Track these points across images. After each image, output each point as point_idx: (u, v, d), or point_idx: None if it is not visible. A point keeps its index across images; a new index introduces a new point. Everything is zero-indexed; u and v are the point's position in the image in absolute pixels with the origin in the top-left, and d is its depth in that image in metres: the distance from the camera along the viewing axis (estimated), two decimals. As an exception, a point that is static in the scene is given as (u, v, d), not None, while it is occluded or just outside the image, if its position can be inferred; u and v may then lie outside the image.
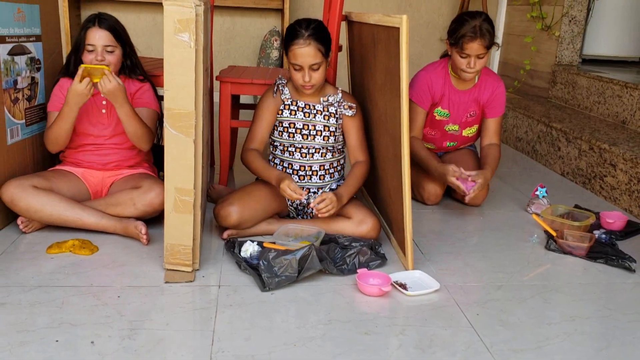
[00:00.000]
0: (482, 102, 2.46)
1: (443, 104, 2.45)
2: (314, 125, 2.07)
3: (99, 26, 1.99)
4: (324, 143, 2.07)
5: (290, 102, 2.07)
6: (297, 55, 1.94)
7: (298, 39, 1.93)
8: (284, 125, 2.08)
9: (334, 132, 2.08)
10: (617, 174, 2.62)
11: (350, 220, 2.02)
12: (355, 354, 1.39)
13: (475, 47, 2.23)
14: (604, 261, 1.97)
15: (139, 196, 1.98)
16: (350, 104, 2.09)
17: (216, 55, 4.48)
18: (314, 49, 1.93)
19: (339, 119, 2.09)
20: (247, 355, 1.37)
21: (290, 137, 2.08)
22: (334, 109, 2.07)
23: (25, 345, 1.36)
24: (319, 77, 1.98)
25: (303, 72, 1.96)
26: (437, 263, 1.93)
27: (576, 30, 3.90)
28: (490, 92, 2.44)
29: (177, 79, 1.58)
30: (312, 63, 1.94)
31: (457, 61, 2.31)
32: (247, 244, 1.86)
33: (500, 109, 2.46)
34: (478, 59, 2.26)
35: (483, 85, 2.44)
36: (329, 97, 2.07)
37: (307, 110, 2.07)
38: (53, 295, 1.59)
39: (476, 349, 1.45)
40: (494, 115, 2.47)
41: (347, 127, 2.11)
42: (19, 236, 1.97)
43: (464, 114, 2.48)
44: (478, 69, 2.29)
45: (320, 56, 1.95)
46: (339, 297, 1.67)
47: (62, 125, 1.99)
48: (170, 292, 1.65)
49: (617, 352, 1.47)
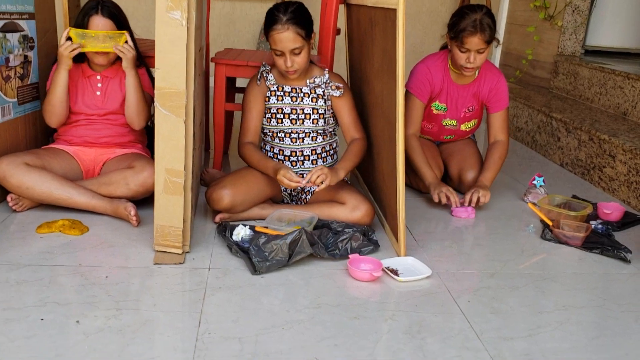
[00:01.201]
0: (482, 97, 2.41)
1: (441, 98, 2.40)
2: (302, 109, 2.04)
3: (101, 14, 1.99)
4: (313, 126, 2.05)
5: (276, 88, 2.05)
6: (276, 41, 1.91)
7: (276, 24, 1.89)
8: (272, 112, 2.05)
9: (323, 114, 2.06)
10: (616, 165, 2.59)
11: (344, 206, 2.00)
12: (343, 337, 1.38)
13: (476, 42, 2.18)
14: (600, 251, 1.95)
15: (131, 176, 1.96)
16: (337, 84, 2.06)
17: (215, 40, 4.44)
18: (293, 33, 1.89)
19: (327, 100, 2.06)
20: (233, 337, 1.35)
21: (279, 122, 2.05)
22: (321, 90, 2.04)
23: (10, 323, 1.35)
24: (302, 61, 1.95)
25: (285, 57, 1.93)
26: (430, 250, 1.91)
27: (579, 20, 3.85)
28: (490, 87, 2.38)
29: (168, 57, 1.55)
30: (292, 48, 1.91)
31: (456, 56, 2.25)
32: (239, 227, 1.85)
33: (503, 102, 2.39)
34: (478, 54, 2.21)
35: (482, 80, 2.38)
36: (315, 79, 2.04)
37: (294, 94, 2.04)
38: (41, 274, 1.58)
39: (466, 335, 1.43)
40: (497, 110, 2.40)
41: (338, 108, 2.08)
42: (9, 215, 1.95)
43: (462, 109, 2.43)
44: (478, 64, 2.24)
45: (300, 40, 1.91)
46: (330, 281, 1.65)
47: (53, 91, 1.99)
48: (159, 274, 1.63)
49: (609, 341, 1.45)
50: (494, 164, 2.34)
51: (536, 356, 1.37)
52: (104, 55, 2.03)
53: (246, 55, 2.60)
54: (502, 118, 2.40)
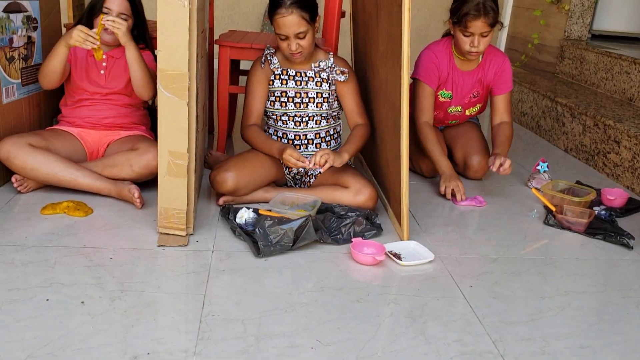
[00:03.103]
0: (487, 82, 2.40)
1: (447, 85, 2.39)
2: (307, 93, 2.03)
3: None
4: (317, 110, 2.04)
5: (280, 72, 2.03)
6: (280, 25, 1.89)
7: (280, 8, 1.88)
8: (276, 95, 2.04)
9: (327, 98, 2.05)
10: (620, 151, 2.58)
11: (348, 190, 2.00)
12: (345, 320, 1.39)
13: (479, 25, 2.16)
14: (602, 237, 1.96)
15: (135, 158, 1.97)
16: (342, 68, 2.05)
17: (219, 22, 4.41)
18: (297, 17, 1.88)
19: (331, 84, 2.05)
20: (236, 319, 1.36)
21: (283, 106, 2.04)
22: (325, 74, 2.03)
23: (16, 303, 1.36)
24: (307, 45, 1.94)
25: (289, 41, 1.92)
26: (433, 235, 1.91)
27: (586, 4, 3.81)
28: (495, 70, 2.37)
29: (170, 39, 1.54)
30: (297, 32, 1.90)
31: (460, 40, 2.23)
32: (243, 210, 1.85)
33: (507, 85, 2.39)
34: (482, 38, 2.19)
35: (487, 65, 2.37)
36: (320, 63, 2.03)
37: (299, 78, 2.03)
38: (45, 255, 1.59)
39: (468, 319, 1.44)
40: (501, 92, 2.39)
41: (342, 92, 2.07)
42: (14, 196, 1.96)
43: (467, 95, 2.42)
44: (482, 48, 2.22)
45: (305, 24, 1.90)
46: (333, 265, 1.66)
47: (49, 63, 1.99)
48: (163, 256, 1.64)
49: (609, 327, 1.46)
50: (504, 143, 2.32)
51: (537, 341, 1.37)
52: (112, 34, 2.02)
53: (250, 37, 2.58)
54: (506, 100, 2.40)
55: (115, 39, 2.05)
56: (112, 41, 2.06)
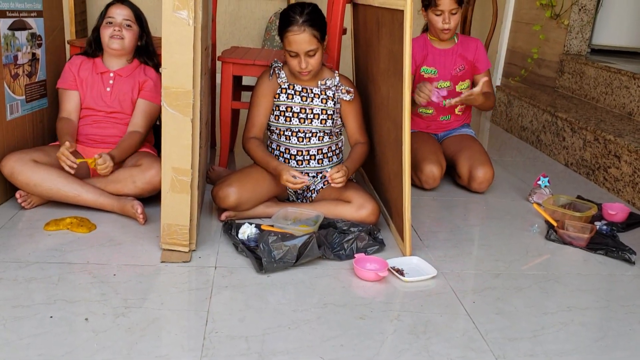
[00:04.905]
0: (469, 58, 2.57)
1: (428, 62, 2.55)
2: (312, 109, 2.05)
3: (121, 2, 2.09)
4: (321, 127, 2.06)
5: (287, 86, 2.05)
6: (292, 42, 1.91)
7: (292, 25, 1.90)
8: (281, 110, 2.06)
9: (332, 115, 2.06)
10: (621, 165, 2.59)
11: (350, 205, 2.01)
12: (349, 337, 1.39)
13: (447, 2, 2.40)
14: (604, 252, 1.96)
15: (138, 174, 1.98)
16: (348, 88, 2.07)
17: (221, 37, 4.44)
18: (309, 35, 1.90)
19: (336, 102, 2.07)
20: (240, 336, 1.36)
21: (287, 121, 2.06)
22: (331, 92, 2.05)
23: (20, 320, 1.36)
24: (316, 63, 1.96)
25: (299, 58, 1.94)
26: (435, 250, 1.92)
27: (586, 19, 3.84)
28: (472, 50, 2.58)
29: (175, 57, 1.56)
30: (307, 49, 1.92)
31: (433, 21, 2.47)
32: (245, 226, 1.86)
33: (486, 62, 2.60)
34: (452, 15, 2.43)
35: (464, 45, 2.58)
36: (326, 81, 2.05)
37: (305, 94, 2.05)
38: (49, 272, 1.59)
39: (471, 336, 1.44)
40: (482, 70, 2.59)
41: (346, 112, 2.09)
42: (17, 212, 1.97)
43: (452, 68, 2.57)
44: (453, 25, 2.45)
45: (315, 42, 1.92)
46: (336, 281, 1.66)
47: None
48: (166, 272, 1.64)
49: (613, 343, 1.46)
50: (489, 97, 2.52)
51: (540, 357, 1.37)
52: (120, 41, 2.06)
53: (253, 54, 2.61)
54: (487, 77, 2.60)
55: (122, 49, 2.07)
56: (120, 50, 2.08)
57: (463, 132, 2.66)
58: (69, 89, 2.10)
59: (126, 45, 2.08)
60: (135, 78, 2.13)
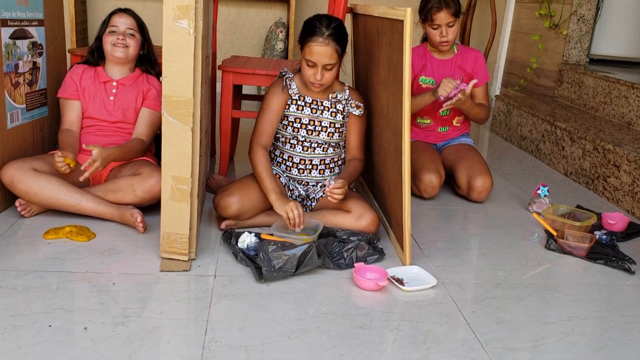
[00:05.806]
0: (468, 70, 2.57)
1: (426, 72, 2.57)
2: (320, 122, 2.05)
3: (124, 12, 2.12)
4: (327, 139, 2.06)
5: (297, 97, 2.05)
6: (313, 52, 1.91)
7: (318, 36, 1.89)
8: (290, 120, 2.06)
9: (339, 128, 2.07)
10: (620, 175, 2.59)
11: (350, 214, 2.01)
12: (349, 347, 1.39)
13: (443, 16, 2.41)
14: (604, 262, 1.96)
15: (138, 183, 1.98)
16: (358, 103, 2.08)
17: (221, 46, 4.46)
18: (332, 49, 1.90)
19: (345, 116, 2.07)
20: (240, 346, 1.36)
21: (295, 131, 2.06)
22: (341, 106, 2.06)
23: (19, 329, 1.36)
24: (331, 78, 1.96)
25: (316, 69, 1.93)
26: (435, 259, 1.92)
27: (584, 29, 3.86)
28: (472, 62, 2.58)
29: (175, 66, 1.57)
30: (327, 63, 1.92)
31: (431, 35, 2.48)
32: (245, 235, 1.86)
33: (485, 75, 2.60)
34: (449, 28, 2.44)
35: (464, 56, 2.58)
36: (337, 95, 2.05)
37: (315, 106, 2.05)
38: (48, 281, 1.59)
39: (471, 346, 1.43)
40: (481, 83, 2.57)
41: (351, 126, 2.10)
42: (16, 220, 1.97)
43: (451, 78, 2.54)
44: (451, 37, 2.46)
45: (336, 57, 1.93)
46: (336, 290, 1.66)
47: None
48: (165, 281, 1.64)
49: (613, 353, 1.46)
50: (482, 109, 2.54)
51: (541, 367, 1.37)
52: (124, 49, 2.08)
53: (253, 63, 2.62)
54: (484, 90, 2.62)
55: (126, 57, 2.08)
56: (124, 59, 2.08)
57: (462, 142, 2.67)
58: (71, 98, 2.11)
59: (130, 54, 2.09)
60: (138, 87, 2.14)
